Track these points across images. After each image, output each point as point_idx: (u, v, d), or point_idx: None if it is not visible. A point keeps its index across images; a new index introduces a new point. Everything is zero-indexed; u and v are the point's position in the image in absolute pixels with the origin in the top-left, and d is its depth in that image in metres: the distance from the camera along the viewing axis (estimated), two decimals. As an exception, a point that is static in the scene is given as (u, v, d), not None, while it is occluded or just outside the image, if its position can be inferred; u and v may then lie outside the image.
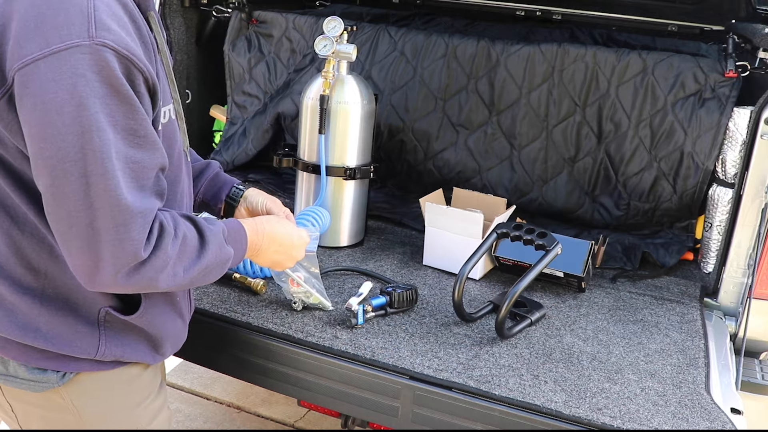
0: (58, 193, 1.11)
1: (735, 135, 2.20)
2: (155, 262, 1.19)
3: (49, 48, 1.06)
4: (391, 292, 1.85)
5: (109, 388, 1.38)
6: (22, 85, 1.08)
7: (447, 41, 2.62)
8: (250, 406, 3.12)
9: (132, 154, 1.14)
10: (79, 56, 1.07)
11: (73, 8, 1.08)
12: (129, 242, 1.14)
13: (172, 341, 1.45)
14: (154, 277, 1.20)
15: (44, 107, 1.07)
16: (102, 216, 1.11)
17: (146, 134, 1.16)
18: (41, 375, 1.31)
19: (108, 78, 1.09)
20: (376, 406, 1.62)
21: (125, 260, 1.15)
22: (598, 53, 2.45)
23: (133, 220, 1.14)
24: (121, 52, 1.10)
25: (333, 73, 2.12)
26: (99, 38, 1.08)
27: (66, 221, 1.13)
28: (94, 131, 1.08)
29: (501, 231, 1.91)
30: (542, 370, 1.66)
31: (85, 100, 1.07)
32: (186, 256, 1.25)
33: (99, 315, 1.30)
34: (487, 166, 2.60)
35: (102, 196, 1.11)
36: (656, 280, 2.22)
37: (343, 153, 2.17)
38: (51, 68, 1.06)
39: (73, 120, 1.07)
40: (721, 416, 1.53)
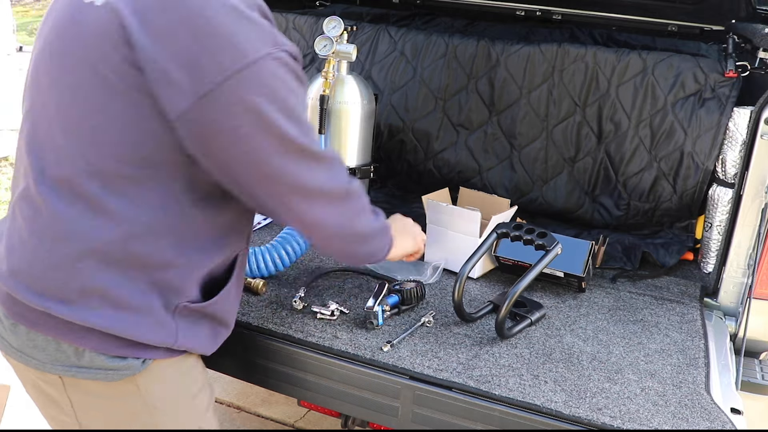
0: (279, 172, 1.29)
1: (735, 135, 2.20)
2: (359, 197, 1.46)
3: (247, 59, 1.20)
4: (401, 290, 1.85)
5: (177, 375, 1.42)
6: (228, 95, 1.20)
7: (447, 41, 2.62)
8: (250, 406, 3.12)
9: (310, 124, 1.36)
10: (272, 62, 1.23)
11: (254, 24, 1.24)
12: (342, 180, 1.41)
13: (228, 330, 1.52)
14: (359, 215, 1.46)
15: (256, 110, 1.22)
16: (318, 175, 1.34)
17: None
18: (122, 362, 1.32)
19: (295, 74, 1.29)
20: (376, 406, 1.62)
21: (344, 196, 1.41)
22: (598, 53, 2.45)
23: (335, 164, 1.40)
24: (293, 52, 1.29)
25: (333, 73, 2.12)
26: (282, 45, 1.26)
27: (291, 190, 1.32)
28: (295, 119, 1.28)
29: (501, 231, 1.91)
30: (542, 370, 1.66)
31: (286, 97, 1.26)
32: (371, 211, 1.53)
33: (177, 308, 1.35)
34: (487, 166, 2.61)
35: (314, 158, 1.33)
36: (656, 280, 2.22)
37: (343, 153, 2.18)
38: (254, 76, 1.21)
39: (280, 114, 1.25)
40: (721, 416, 1.53)
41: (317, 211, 1.37)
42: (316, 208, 1.37)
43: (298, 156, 1.30)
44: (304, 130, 1.31)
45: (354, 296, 1.92)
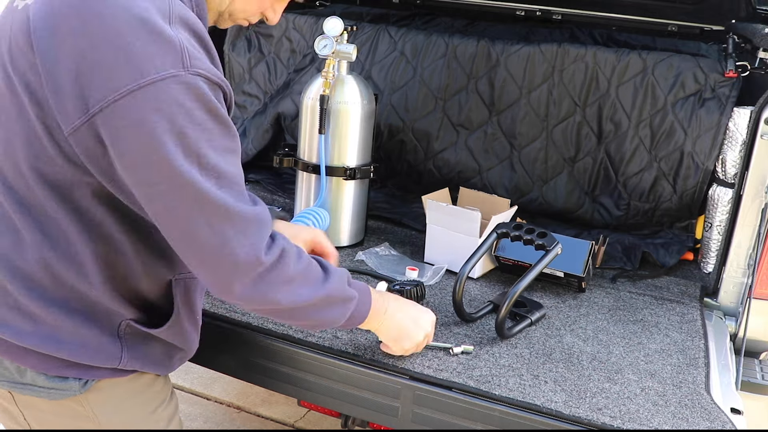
0: (173, 217, 1.16)
1: (735, 135, 2.20)
2: (279, 271, 1.25)
3: (144, 79, 1.08)
4: (401, 290, 1.85)
5: (126, 395, 1.39)
6: (119, 118, 1.09)
7: (447, 41, 2.62)
8: (250, 406, 3.12)
9: (231, 171, 1.19)
10: (175, 86, 1.09)
11: (162, 40, 1.10)
12: (250, 247, 1.19)
13: (184, 353, 1.47)
14: (278, 288, 1.26)
15: (147, 138, 1.09)
16: (219, 230, 1.16)
17: (237, 149, 1.22)
18: (62, 383, 1.31)
19: (206, 104, 1.13)
20: (376, 406, 1.62)
21: (249, 267, 1.20)
22: (598, 53, 2.45)
23: (248, 226, 1.20)
24: (213, 78, 1.15)
25: (333, 73, 2.12)
26: (193, 68, 1.11)
27: (184, 241, 1.19)
28: (196, 158, 1.12)
29: (501, 231, 1.91)
30: (542, 370, 1.66)
31: (185, 129, 1.10)
32: (310, 279, 1.31)
33: (120, 327, 1.31)
34: (487, 166, 2.61)
35: (216, 213, 1.16)
36: (656, 280, 2.22)
37: (343, 153, 2.17)
38: (149, 99, 1.08)
39: (176, 148, 1.10)
40: (721, 416, 1.53)
41: (211, 272, 1.21)
42: (209, 269, 1.21)
43: (192, 204, 1.14)
44: (207, 173, 1.13)
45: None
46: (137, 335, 1.34)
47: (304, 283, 1.30)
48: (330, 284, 1.35)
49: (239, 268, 1.20)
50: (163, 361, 1.42)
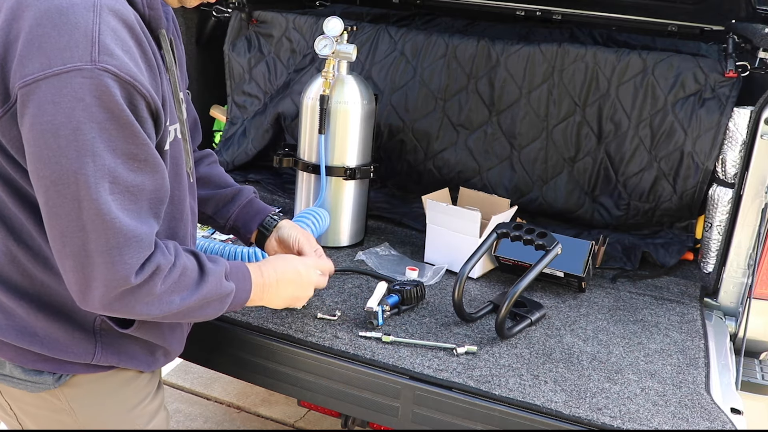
0: (52, 213, 1.12)
1: (735, 135, 2.20)
2: (146, 290, 1.18)
3: (50, 69, 1.06)
4: (401, 290, 1.85)
5: (105, 390, 1.39)
6: (23, 104, 1.09)
7: (447, 41, 2.62)
8: (250, 406, 3.12)
9: (131, 179, 1.14)
10: (79, 80, 1.06)
11: (77, 31, 1.08)
12: (121, 265, 1.14)
13: (167, 351, 1.45)
14: (145, 304, 1.20)
15: (42, 128, 1.07)
16: (94, 239, 1.11)
17: (146, 158, 1.16)
18: (37, 376, 1.32)
19: (108, 103, 1.08)
20: (376, 406, 1.62)
21: (116, 284, 1.14)
22: (598, 53, 2.45)
23: (126, 244, 1.14)
24: (123, 77, 1.09)
25: (333, 73, 2.12)
26: (101, 63, 1.07)
27: (60, 240, 1.14)
28: (89, 156, 1.08)
29: (501, 231, 1.91)
30: (542, 370, 1.66)
31: (82, 125, 1.07)
32: (183, 286, 1.25)
33: (95, 323, 1.31)
34: (487, 166, 2.61)
35: (94, 220, 1.11)
36: (656, 280, 2.22)
37: (343, 153, 2.17)
38: (51, 89, 1.06)
39: (68, 143, 1.07)
40: (721, 416, 1.53)
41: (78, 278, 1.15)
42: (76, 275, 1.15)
43: (73, 204, 1.10)
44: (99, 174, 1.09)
45: (354, 296, 1.92)
46: (113, 331, 1.33)
47: (175, 292, 1.24)
48: (204, 288, 1.29)
49: (106, 282, 1.14)
50: (144, 357, 1.40)
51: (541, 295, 2.05)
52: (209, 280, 1.30)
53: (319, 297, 1.90)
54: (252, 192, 1.80)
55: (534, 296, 2.03)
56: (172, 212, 1.36)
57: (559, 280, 2.07)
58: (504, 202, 2.23)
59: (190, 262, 1.28)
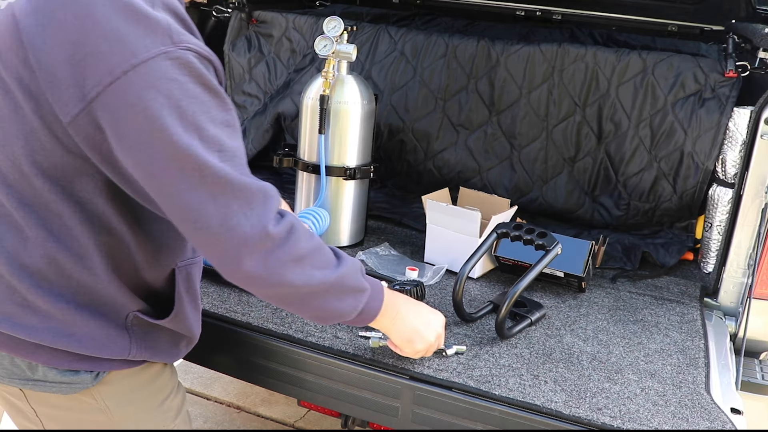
0: (176, 193, 1.15)
1: (735, 135, 2.20)
2: (289, 247, 1.21)
3: (136, 59, 1.09)
4: (401, 290, 1.85)
5: (137, 386, 1.41)
6: (116, 100, 1.11)
7: (447, 41, 2.62)
8: (250, 406, 3.12)
9: (231, 144, 1.18)
10: (167, 62, 1.11)
11: (148, 20, 1.12)
12: (256, 219, 1.17)
13: (190, 340, 1.49)
14: (289, 267, 1.22)
15: (144, 114, 1.10)
16: (223, 202, 1.15)
17: (236, 124, 1.22)
18: (74, 376, 1.32)
19: (198, 78, 1.14)
20: (376, 406, 1.62)
21: (258, 237, 1.18)
22: (598, 53, 2.45)
23: (254, 197, 1.18)
24: (202, 53, 1.16)
25: (333, 73, 2.12)
26: (182, 43, 1.13)
27: (191, 218, 1.16)
28: (195, 130, 1.13)
29: (501, 231, 1.91)
30: (542, 370, 1.66)
31: (181, 101, 1.11)
32: (323, 261, 1.28)
33: (127, 319, 1.32)
34: (487, 166, 2.61)
35: (219, 185, 1.14)
36: (656, 280, 2.22)
37: (343, 153, 2.17)
38: (143, 78, 1.10)
39: (173, 121, 1.11)
40: (721, 416, 1.53)
41: (220, 250, 1.18)
42: (218, 246, 1.18)
43: (195, 177, 1.14)
44: (208, 145, 1.14)
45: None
46: (144, 326, 1.35)
47: (316, 265, 1.26)
48: (343, 270, 1.31)
49: (247, 242, 1.17)
50: (170, 349, 1.43)
51: (541, 295, 2.05)
52: (347, 265, 1.32)
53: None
54: None
55: (534, 296, 2.03)
56: None
57: (559, 280, 2.07)
58: (504, 202, 2.23)
59: (324, 243, 1.31)
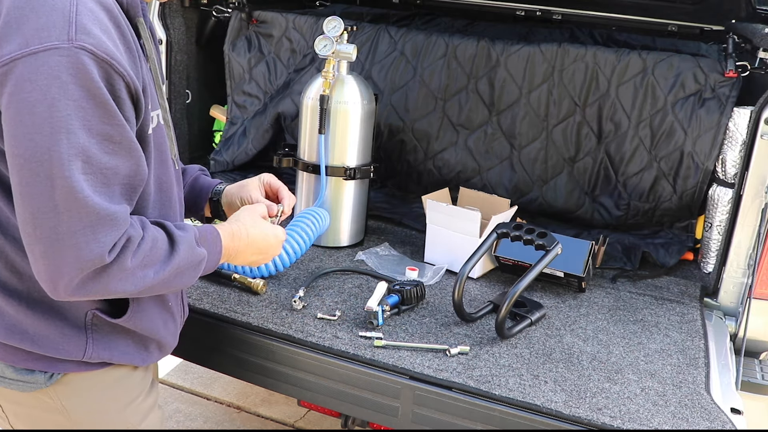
0: (24, 193, 1.10)
1: (735, 135, 2.20)
2: (117, 266, 1.16)
3: (27, 48, 1.07)
4: (402, 290, 1.85)
5: (97, 388, 1.38)
6: (1, 84, 1.09)
7: (447, 41, 2.62)
8: (250, 406, 3.12)
9: (105, 160, 1.13)
10: (56, 58, 1.07)
11: (55, 11, 1.09)
12: (95, 244, 1.12)
13: (160, 344, 1.45)
14: (119, 281, 1.17)
15: (17, 106, 1.08)
16: (66, 220, 1.10)
17: (122, 140, 1.15)
18: (28, 375, 1.31)
19: (84, 81, 1.08)
20: (376, 406, 1.62)
21: (90, 264, 1.12)
22: (598, 53, 2.45)
23: (100, 223, 1.12)
24: (100, 56, 1.10)
25: (333, 73, 2.12)
26: (78, 41, 1.08)
27: (31, 222, 1.11)
28: (63, 133, 1.08)
29: (501, 231, 1.91)
30: (542, 370, 1.66)
31: (58, 102, 1.07)
32: (155, 259, 1.23)
33: (86, 318, 1.30)
34: (487, 166, 2.61)
35: (67, 199, 1.09)
36: (656, 280, 2.22)
37: (343, 153, 2.17)
38: (28, 68, 1.07)
39: (43, 120, 1.07)
40: (721, 416, 1.53)
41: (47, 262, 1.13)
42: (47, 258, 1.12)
43: (46, 184, 1.08)
44: (72, 153, 1.08)
45: (354, 296, 1.92)
46: (104, 326, 1.32)
47: (147, 267, 1.22)
48: (176, 257, 1.26)
49: (79, 264, 1.12)
50: (137, 352, 1.39)
51: (541, 295, 2.05)
52: (180, 249, 1.27)
53: (319, 297, 1.90)
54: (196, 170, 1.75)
55: (534, 296, 2.03)
56: (161, 199, 1.36)
57: (559, 280, 2.07)
58: (504, 202, 2.23)
59: (159, 234, 1.25)
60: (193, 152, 2.88)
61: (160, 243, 1.25)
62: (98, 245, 1.12)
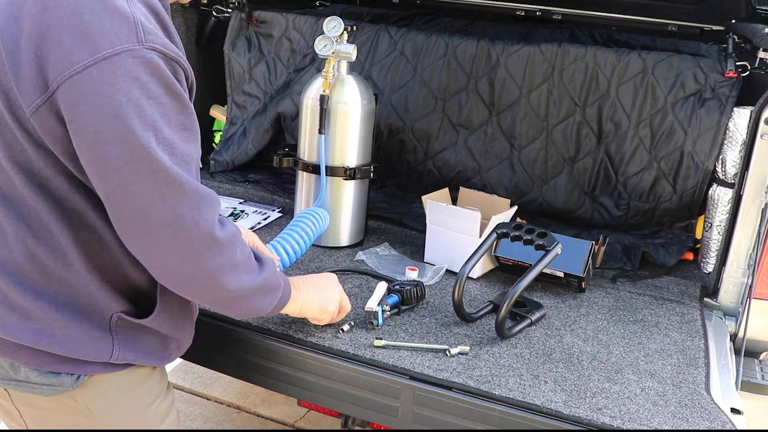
0: (126, 194, 1.15)
1: (735, 135, 2.20)
2: (230, 254, 1.25)
3: (99, 53, 1.10)
4: (402, 290, 1.85)
5: (121, 389, 1.39)
6: (75, 93, 1.11)
7: (447, 41, 2.62)
8: (250, 406, 3.12)
9: (184, 147, 1.19)
10: (131, 60, 1.11)
11: (117, 15, 1.12)
12: (203, 222, 1.19)
13: (179, 343, 1.47)
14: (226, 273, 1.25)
15: (103, 111, 1.10)
16: (173, 204, 1.16)
17: (193, 127, 1.23)
18: (55, 378, 1.31)
19: (160, 78, 1.14)
20: (376, 406, 1.62)
21: (205, 241, 1.20)
22: (598, 53, 2.45)
23: (202, 203, 1.20)
24: (168, 53, 1.16)
25: (333, 73, 2.12)
26: (148, 42, 1.13)
27: (138, 219, 1.17)
28: (152, 130, 1.13)
29: (501, 231, 1.91)
30: (542, 370, 1.66)
31: (141, 101, 1.12)
32: (251, 266, 1.33)
33: (111, 320, 1.31)
34: (487, 166, 2.61)
35: (170, 187, 1.16)
36: (656, 280, 2.22)
37: (343, 153, 2.17)
38: (104, 74, 1.10)
39: (132, 121, 1.11)
40: (721, 416, 1.53)
41: (163, 251, 1.20)
42: (162, 248, 1.20)
43: (147, 175, 1.14)
44: (162, 146, 1.14)
45: (354, 296, 1.92)
46: (129, 327, 1.33)
47: (245, 270, 1.31)
48: (265, 272, 1.37)
49: (193, 244, 1.20)
50: (158, 351, 1.41)
51: (541, 295, 2.05)
52: (267, 267, 1.37)
53: (319, 297, 1.90)
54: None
55: (534, 296, 2.03)
56: None
57: (559, 280, 2.07)
58: (504, 202, 2.23)
59: (247, 248, 1.34)
60: (193, 152, 2.88)
61: (251, 257, 1.34)
62: (207, 223, 1.20)
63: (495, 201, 2.25)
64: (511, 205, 2.23)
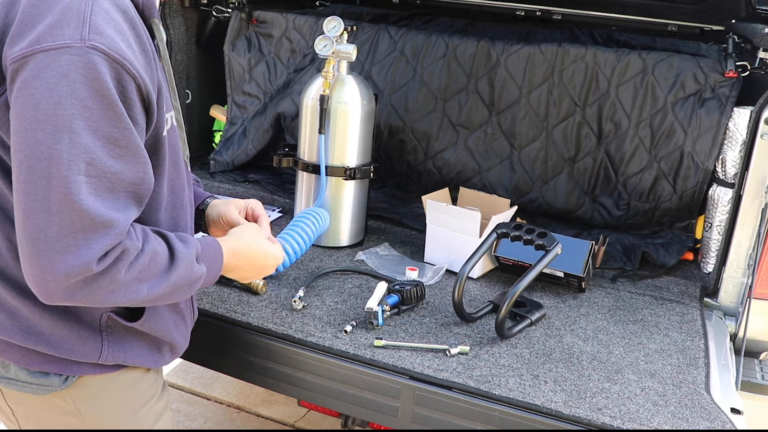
0: (21, 191, 1.08)
1: (735, 135, 2.20)
2: (109, 278, 1.12)
3: (39, 45, 1.07)
4: (402, 290, 1.85)
5: (111, 390, 1.38)
6: (12, 80, 1.09)
7: (447, 41, 2.62)
8: (250, 406, 3.12)
9: (110, 163, 1.10)
10: (67, 57, 1.06)
11: (69, 10, 1.09)
12: (85, 250, 1.08)
13: (173, 346, 1.45)
14: (109, 292, 1.14)
15: (24, 101, 1.07)
16: (58, 221, 1.06)
17: (128, 144, 1.13)
18: (43, 378, 1.30)
19: (93, 82, 1.07)
20: (376, 406, 1.62)
21: (76, 270, 1.08)
22: (598, 53, 2.45)
23: (92, 229, 1.08)
24: (113, 56, 1.09)
25: (333, 73, 2.12)
26: (90, 41, 1.07)
27: (22, 221, 1.08)
28: (65, 132, 1.06)
29: (501, 231, 1.91)
30: (542, 370, 1.66)
31: (63, 100, 1.06)
32: (152, 273, 1.20)
33: (101, 320, 1.30)
34: (487, 166, 2.61)
35: (61, 200, 1.06)
36: (656, 280, 2.22)
37: (343, 153, 2.17)
38: (38, 64, 1.06)
39: (47, 117, 1.06)
40: (721, 416, 1.53)
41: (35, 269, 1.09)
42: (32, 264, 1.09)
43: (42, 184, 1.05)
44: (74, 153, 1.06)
45: (354, 296, 1.92)
46: (119, 328, 1.32)
47: (142, 281, 1.18)
48: (174, 274, 1.23)
49: (66, 270, 1.08)
50: (150, 354, 1.39)
51: (541, 295, 2.05)
52: (180, 265, 1.24)
53: (319, 297, 1.90)
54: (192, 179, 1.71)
55: (534, 296, 2.03)
56: (174, 201, 1.35)
57: (559, 280, 2.07)
58: (504, 202, 2.23)
59: (160, 247, 1.22)
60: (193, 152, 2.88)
61: (159, 258, 1.21)
62: (88, 252, 1.08)
63: (495, 201, 2.25)
64: (511, 205, 2.23)
